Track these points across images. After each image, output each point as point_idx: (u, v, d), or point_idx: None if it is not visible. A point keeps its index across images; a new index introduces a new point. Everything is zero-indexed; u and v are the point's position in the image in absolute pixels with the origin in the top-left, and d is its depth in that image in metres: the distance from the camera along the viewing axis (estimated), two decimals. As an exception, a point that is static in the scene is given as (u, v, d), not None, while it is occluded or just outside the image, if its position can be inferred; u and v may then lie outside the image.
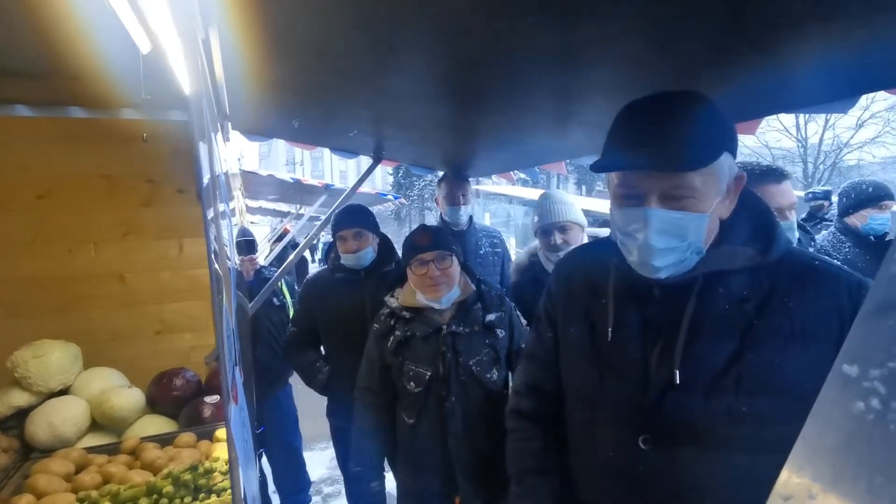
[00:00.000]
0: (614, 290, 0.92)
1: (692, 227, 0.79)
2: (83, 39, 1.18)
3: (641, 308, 0.89)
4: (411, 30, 0.95)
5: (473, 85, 1.29)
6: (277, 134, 2.42)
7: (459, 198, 2.66)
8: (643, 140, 0.79)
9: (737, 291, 0.81)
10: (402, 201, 20.68)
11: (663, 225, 0.78)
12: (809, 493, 0.26)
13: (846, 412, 0.26)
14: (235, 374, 0.52)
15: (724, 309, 0.81)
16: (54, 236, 2.08)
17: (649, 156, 0.77)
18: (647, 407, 0.85)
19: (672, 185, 0.78)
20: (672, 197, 0.78)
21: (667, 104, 0.80)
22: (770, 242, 0.83)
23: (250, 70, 1.28)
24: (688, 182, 0.77)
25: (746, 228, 0.86)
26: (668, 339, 0.84)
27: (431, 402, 1.60)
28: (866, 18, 0.81)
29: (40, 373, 1.76)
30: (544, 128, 1.80)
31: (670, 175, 0.77)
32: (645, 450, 0.85)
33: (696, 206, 0.78)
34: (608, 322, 0.91)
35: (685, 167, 0.76)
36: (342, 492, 2.99)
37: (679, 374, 0.81)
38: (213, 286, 0.58)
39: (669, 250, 0.80)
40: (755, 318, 0.79)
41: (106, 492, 1.37)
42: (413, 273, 1.62)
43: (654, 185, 0.78)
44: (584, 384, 0.96)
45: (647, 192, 0.79)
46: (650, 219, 0.78)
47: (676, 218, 0.78)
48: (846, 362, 0.27)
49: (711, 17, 0.83)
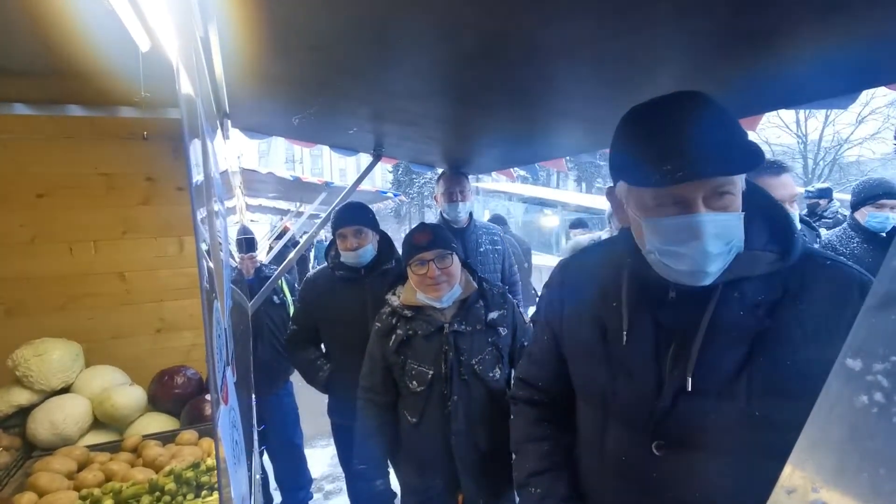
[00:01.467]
0: (627, 294, 0.91)
1: (735, 227, 0.77)
2: (82, 37, 1.17)
3: (655, 312, 0.87)
4: (411, 26, 0.95)
5: (473, 81, 1.29)
6: (277, 131, 2.42)
7: (458, 195, 2.65)
8: (683, 147, 0.75)
9: (753, 296, 0.80)
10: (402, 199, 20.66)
11: (716, 229, 0.76)
12: (813, 486, 0.26)
13: (849, 406, 0.26)
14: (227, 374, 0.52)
15: (739, 315, 0.80)
16: (54, 235, 2.07)
17: (705, 162, 0.73)
18: (660, 412, 0.84)
19: (715, 189, 0.76)
20: (716, 196, 0.76)
21: (691, 108, 0.78)
22: (789, 246, 0.81)
23: (250, 67, 1.27)
24: (729, 182, 0.76)
25: (764, 230, 0.83)
26: (681, 343, 0.84)
27: (434, 400, 1.59)
28: (866, 14, 0.81)
29: (41, 371, 1.76)
30: (544, 124, 1.80)
31: (715, 178, 0.75)
32: (658, 455, 0.85)
33: (735, 205, 0.77)
34: (622, 326, 0.90)
35: (737, 169, 0.75)
36: (343, 489, 3.00)
37: (692, 379, 0.80)
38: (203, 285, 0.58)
39: (720, 254, 0.77)
40: (769, 323, 0.78)
41: (108, 489, 1.37)
42: (413, 273, 1.61)
43: (700, 190, 0.76)
44: (595, 387, 0.96)
45: (692, 199, 0.76)
46: (703, 224, 0.75)
47: (726, 220, 0.76)
48: (849, 356, 0.27)
49: (711, 13, 0.83)
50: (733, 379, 0.79)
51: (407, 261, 1.63)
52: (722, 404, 0.79)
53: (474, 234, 2.74)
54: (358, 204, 2.17)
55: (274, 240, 7.13)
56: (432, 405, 1.60)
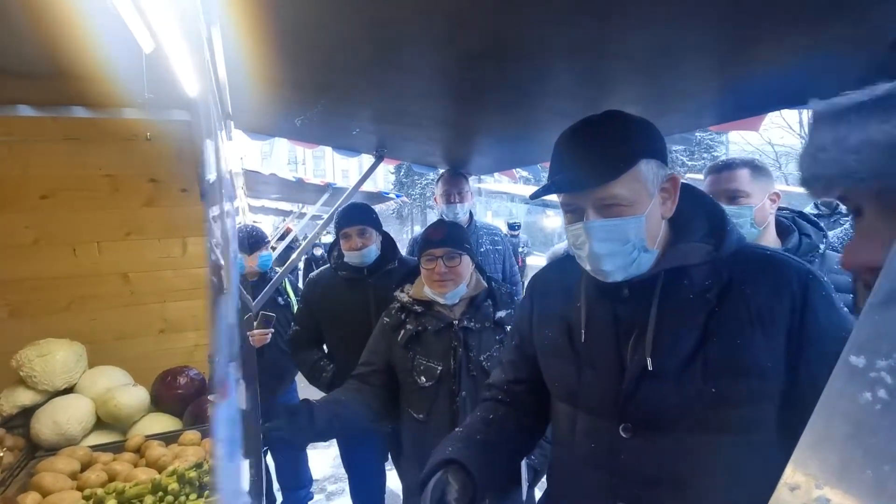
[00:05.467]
0: (586, 293, 0.99)
1: (630, 230, 0.86)
2: (86, 40, 1.18)
3: (613, 307, 0.95)
4: (414, 27, 0.95)
5: (475, 82, 1.29)
6: (279, 133, 2.42)
7: (458, 195, 2.65)
8: (567, 164, 0.91)
9: (698, 283, 0.88)
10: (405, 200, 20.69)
11: (602, 233, 0.87)
12: (816, 483, 0.26)
13: (853, 403, 0.26)
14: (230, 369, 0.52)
15: (687, 299, 0.88)
16: (58, 236, 2.08)
17: (573, 177, 0.88)
18: (625, 396, 0.90)
19: (600, 198, 0.86)
20: (604, 207, 0.87)
21: (588, 127, 0.91)
22: (722, 238, 0.90)
23: (253, 69, 1.28)
24: (612, 192, 0.85)
25: (702, 226, 0.93)
26: (639, 332, 0.91)
27: (442, 396, 1.60)
28: (870, 11, 0.80)
29: (45, 372, 1.77)
30: (546, 125, 1.80)
31: (594, 190, 0.86)
32: (625, 437, 0.90)
33: (627, 210, 0.86)
34: (581, 323, 0.98)
35: (600, 181, 0.85)
36: (346, 490, 3.00)
37: (651, 360, 0.87)
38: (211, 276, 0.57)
39: (613, 254, 0.87)
40: (716, 307, 0.86)
41: (111, 489, 1.37)
42: (423, 266, 1.65)
43: (586, 200, 0.88)
44: (563, 381, 1.03)
45: (583, 208, 0.88)
46: (589, 230, 0.87)
47: (611, 224, 0.87)
48: (853, 353, 0.27)
49: (714, 12, 0.83)
50: (689, 359, 0.86)
51: (420, 254, 1.67)
52: (681, 383, 0.86)
53: (475, 234, 2.74)
54: (361, 204, 2.18)
55: (277, 241, 7.15)
56: (440, 401, 1.61)
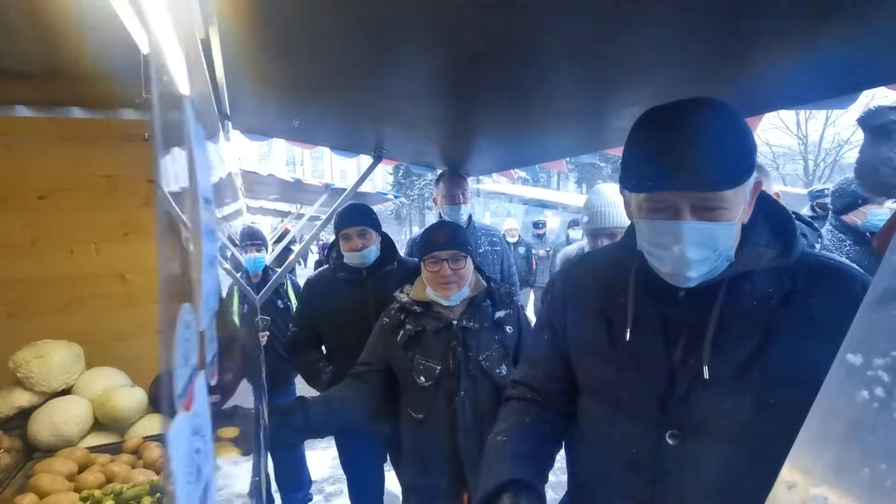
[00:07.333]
0: (634, 290, 0.93)
1: (724, 236, 0.81)
2: (83, 40, 1.18)
3: (663, 307, 0.90)
4: (411, 27, 0.95)
5: (474, 82, 1.29)
6: (277, 133, 2.42)
7: (458, 196, 2.65)
8: (679, 159, 0.78)
9: (761, 289, 0.84)
10: (403, 200, 20.68)
11: (699, 237, 0.79)
12: (814, 480, 0.26)
13: (850, 400, 0.26)
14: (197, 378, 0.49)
15: (750, 306, 0.84)
16: (56, 236, 2.08)
17: (688, 176, 0.77)
18: (675, 402, 0.86)
19: (706, 200, 0.79)
20: (705, 209, 0.79)
21: (696, 118, 0.80)
22: (790, 244, 0.86)
23: (251, 69, 1.28)
24: (722, 196, 0.78)
25: (766, 230, 0.88)
26: (692, 335, 0.86)
27: (441, 396, 1.61)
28: (866, 13, 0.81)
29: (42, 373, 1.76)
30: (544, 125, 1.80)
31: (706, 191, 0.78)
32: (672, 445, 0.86)
33: (727, 216, 0.80)
34: (627, 321, 0.92)
35: (725, 186, 0.78)
36: (344, 491, 2.99)
37: (707, 368, 0.83)
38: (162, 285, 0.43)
39: (703, 261, 0.81)
40: (779, 315, 0.82)
41: (109, 491, 1.37)
42: (426, 269, 1.64)
43: (685, 198, 0.79)
44: (602, 382, 0.98)
45: (680, 206, 0.80)
46: (686, 232, 0.79)
47: (711, 229, 0.79)
48: (850, 351, 0.27)
49: (711, 12, 0.83)
50: (747, 367, 0.81)
51: (422, 256, 1.66)
52: (736, 392, 0.81)
53: (473, 235, 2.74)
54: (361, 205, 2.18)
55: (275, 242, 7.14)
56: (439, 401, 1.61)
